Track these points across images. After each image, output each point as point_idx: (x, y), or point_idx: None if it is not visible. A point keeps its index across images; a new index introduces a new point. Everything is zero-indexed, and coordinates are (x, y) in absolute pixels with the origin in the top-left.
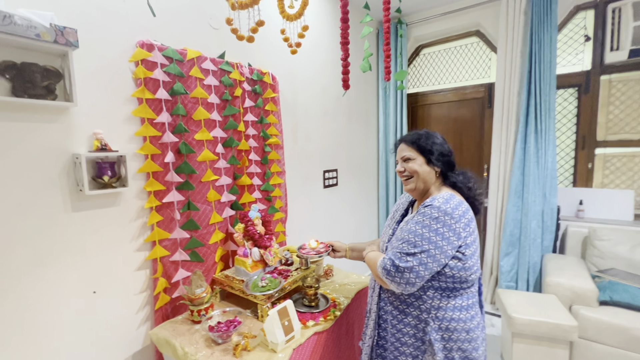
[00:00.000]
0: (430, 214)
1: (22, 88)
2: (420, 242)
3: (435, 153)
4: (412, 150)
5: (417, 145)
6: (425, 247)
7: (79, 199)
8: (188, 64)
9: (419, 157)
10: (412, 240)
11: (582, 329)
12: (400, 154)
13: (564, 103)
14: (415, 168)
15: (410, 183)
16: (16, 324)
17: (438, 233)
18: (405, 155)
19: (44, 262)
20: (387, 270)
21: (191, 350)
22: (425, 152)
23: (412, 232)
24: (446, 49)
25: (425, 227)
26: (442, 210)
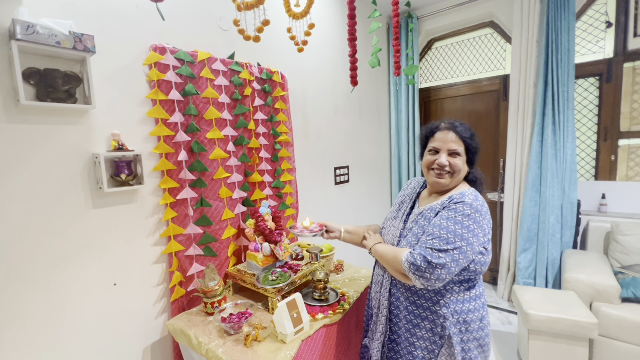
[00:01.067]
0: (463, 211)
1: (45, 92)
2: (453, 238)
3: (474, 153)
4: (461, 144)
5: (467, 143)
6: (458, 244)
7: (99, 196)
8: (199, 65)
9: (464, 155)
10: (445, 236)
11: (603, 326)
12: (446, 145)
13: (584, 93)
14: (461, 166)
15: (446, 178)
16: (45, 312)
17: (470, 230)
18: (456, 149)
19: (69, 255)
20: (416, 265)
21: (205, 340)
22: (469, 151)
23: (444, 228)
24: (459, 42)
25: (457, 224)
26: (474, 208)
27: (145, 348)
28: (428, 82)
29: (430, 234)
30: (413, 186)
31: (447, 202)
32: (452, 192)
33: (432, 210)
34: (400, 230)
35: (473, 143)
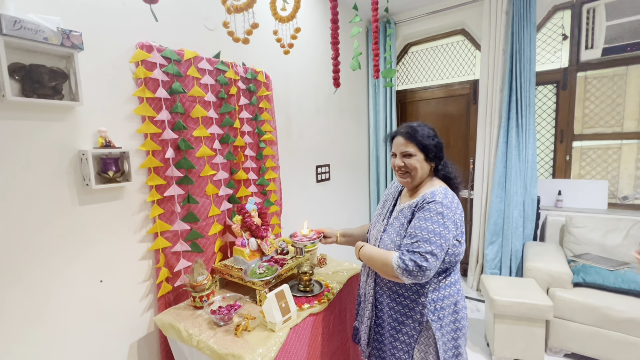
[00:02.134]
0: (436, 209)
1: (31, 88)
2: (433, 237)
3: (434, 150)
4: (412, 146)
5: (417, 142)
6: (438, 242)
7: (85, 193)
8: (185, 64)
9: (419, 154)
10: (426, 237)
11: (558, 309)
12: (399, 149)
13: (543, 99)
14: (416, 165)
15: (407, 177)
16: (29, 309)
17: (445, 226)
18: (406, 150)
19: (54, 252)
20: (409, 270)
21: (195, 332)
22: (424, 149)
23: (425, 229)
24: (433, 47)
25: (434, 223)
26: (445, 205)
27: (132, 344)
28: (405, 85)
29: (413, 236)
30: (396, 185)
31: (421, 202)
32: (424, 189)
33: (409, 208)
34: (385, 225)
35: (425, 141)
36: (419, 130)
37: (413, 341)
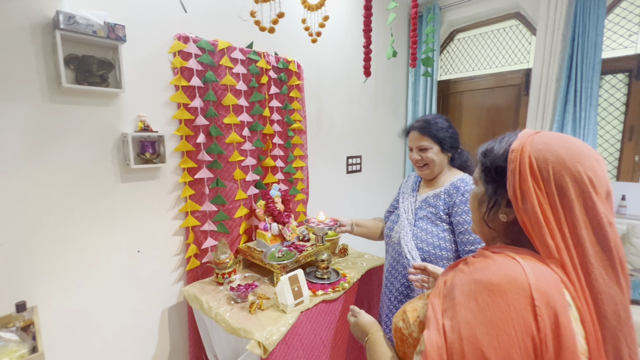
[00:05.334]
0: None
1: (83, 77)
2: None
3: (449, 141)
4: (427, 139)
5: (432, 135)
6: None
7: (126, 172)
8: (219, 54)
9: (434, 146)
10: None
11: None
12: (414, 143)
13: (611, 90)
14: (432, 157)
15: (425, 169)
16: (81, 269)
17: None
18: (422, 144)
19: (100, 222)
20: None
21: (214, 305)
22: (439, 141)
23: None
24: (482, 33)
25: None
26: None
27: (164, 310)
28: (448, 75)
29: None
30: (413, 180)
31: (453, 191)
32: (444, 178)
33: (435, 197)
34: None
35: (440, 134)
36: (433, 123)
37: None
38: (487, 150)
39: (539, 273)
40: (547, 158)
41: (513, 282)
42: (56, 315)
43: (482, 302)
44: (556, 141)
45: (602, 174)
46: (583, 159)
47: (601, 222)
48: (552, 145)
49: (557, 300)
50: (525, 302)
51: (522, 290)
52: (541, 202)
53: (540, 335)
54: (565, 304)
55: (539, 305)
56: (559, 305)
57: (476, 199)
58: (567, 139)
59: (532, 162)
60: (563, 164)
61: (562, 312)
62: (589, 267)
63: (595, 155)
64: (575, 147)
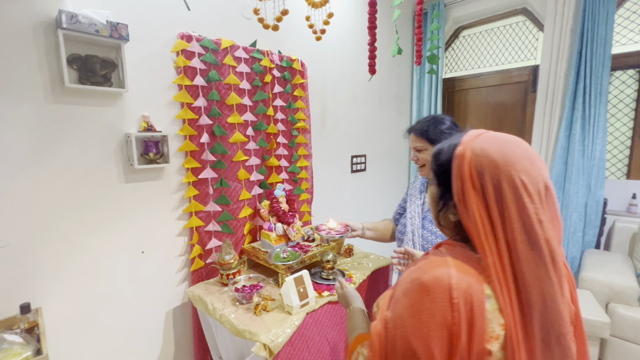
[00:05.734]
0: None
1: (86, 76)
2: None
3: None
4: (422, 140)
5: (426, 136)
6: None
7: (130, 172)
8: (222, 53)
9: (429, 147)
10: None
11: (617, 327)
12: (412, 144)
13: (621, 86)
14: (427, 158)
15: (424, 170)
16: (85, 271)
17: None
18: (417, 146)
19: (104, 223)
20: None
21: (219, 307)
22: (434, 142)
23: None
24: (488, 30)
25: None
26: None
27: (168, 311)
28: (453, 72)
29: None
30: (420, 181)
31: None
32: None
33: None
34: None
35: (435, 136)
36: (431, 125)
37: None
38: (436, 153)
39: (462, 273)
40: (483, 164)
41: (438, 281)
42: (60, 316)
43: (413, 299)
44: (492, 146)
45: (535, 173)
46: (516, 162)
47: (531, 222)
48: (488, 151)
49: (475, 295)
50: (445, 300)
51: (444, 290)
52: (478, 206)
53: (455, 328)
54: (482, 298)
55: (456, 302)
56: (476, 300)
57: (432, 199)
58: (502, 142)
59: (471, 169)
60: (497, 169)
61: (477, 305)
62: (518, 263)
63: (528, 156)
64: (510, 150)
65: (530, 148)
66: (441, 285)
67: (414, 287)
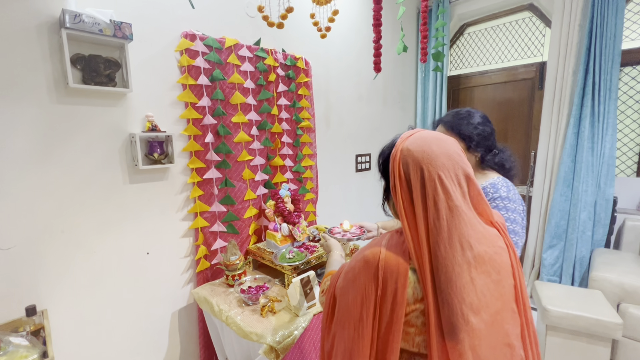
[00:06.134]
0: (505, 206)
1: (90, 76)
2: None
3: (476, 139)
4: (451, 134)
5: (457, 131)
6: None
7: (135, 173)
8: (226, 52)
9: (460, 143)
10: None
11: (630, 327)
12: None
13: (631, 82)
14: None
15: None
16: (90, 273)
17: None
18: None
19: (109, 224)
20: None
21: (225, 308)
22: (466, 138)
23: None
24: (494, 27)
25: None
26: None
27: (174, 312)
28: (458, 70)
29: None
30: None
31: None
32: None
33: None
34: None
35: (465, 130)
36: (463, 118)
37: None
38: (380, 154)
39: (392, 252)
40: (408, 163)
41: (371, 258)
42: (66, 318)
43: (357, 261)
44: (416, 146)
45: (453, 166)
46: (434, 159)
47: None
48: (412, 151)
49: (400, 270)
50: (373, 272)
51: (374, 265)
52: (405, 198)
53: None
54: (406, 272)
55: (381, 275)
56: (401, 274)
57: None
58: (425, 142)
59: (400, 166)
60: (418, 165)
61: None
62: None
63: (446, 152)
64: (430, 149)
65: (450, 145)
66: (372, 262)
67: (356, 262)
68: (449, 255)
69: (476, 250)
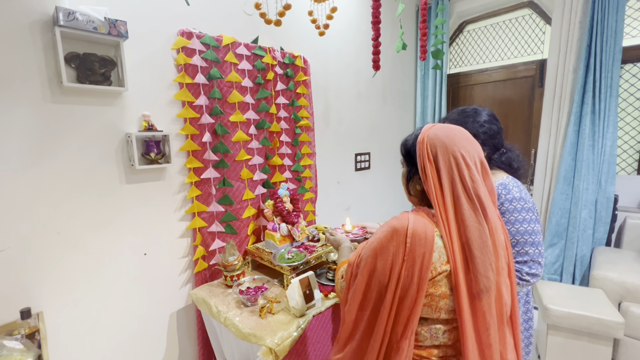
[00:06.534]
0: (522, 207)
1: (84, 75)
2: (537, 238)
3: (482, 137)
4: None
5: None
6: (538, 240)
7: (131, 173)
8: (223, 50)
9: None
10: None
11: (631, 327)
12: None
13: (632, 79)
14: None
15: None
16: (87, 273)
17: (536, 221)
18: None
19: (105, 224)
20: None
21: (223, 309)
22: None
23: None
24: (493, 24)
25: (530, 222)
26: (524, 199)
27: (172, 314)
28: (458, 68)
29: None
30: None
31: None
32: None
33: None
34: None
35: (469, 127)
36: (467, 116)
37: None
38: (404, 141)
39: (418, 223)
40: (435, 144)
41: (400, 227)
42: (62, 321)
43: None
44: (441, 132)
45: (472, 150)
46: (457, 142)
47: (467, 182)
48: (439, 135)
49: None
50: (402, 239)
51: (403, 233)
52: (433, 175)
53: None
54: (433, 237)
55: (410, 241)
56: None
57: (403, 176)
58: (448, 129)
59: (428, 149)
60: (445, 147)
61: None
62: (462, 211)
63: (466, 138)
64: (453, 134)
65: (469, 134)
66: (401, 230)
67: (386, 227)
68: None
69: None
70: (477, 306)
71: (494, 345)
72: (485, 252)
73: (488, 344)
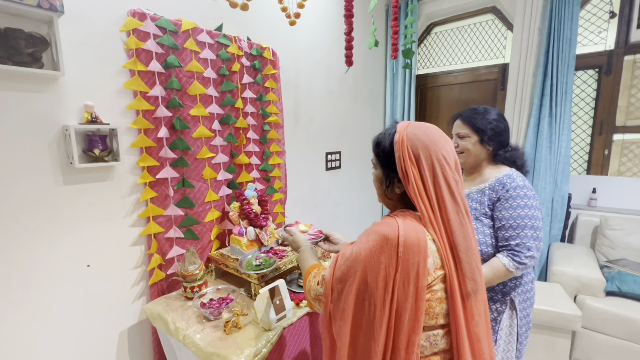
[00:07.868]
0: (525, 194)
1: (6, 55)
2: (535, 222)
3: (489, 133)
4: (466, 127)
5: (472, 124)
6: (539, 225)
7: (70, 172)
8: (183, 36)
9: (473, 136)
10: (530, 224)
11: (586, 318)
12: (455, 130)
13: (582, 85)
14: (468, 147)
15: (461, 158)
16: (10, 293)
17: (538, 208)
18: (460, 132)
19: (36, 233)
20: (525, 264)
21: (182, 326)
22: (479, 132)
23: (525, 217)
24: (459, 27)
25: (530, 208)
26: (528, 187)
27: (122, 332)
28: (425, 69)
29: (516, 227)
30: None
31: (499, 187)
32: (488, 173)
33: (480, 193)
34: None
35: (479, 124)
36: (477, 113)
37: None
38: (377, 142)
39: (409, 228)
40: (417, 145)
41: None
42: None
43: (370, 238)
44: (420, 131)
45: (450, 149)
46: (437, 142)
47: (451, 183)
48: (418, 135)
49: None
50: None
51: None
52: (415, 177)
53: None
54: (426, 243)
55: (402, 250)
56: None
57: (377, 179)
58: (426, 128)
59: (409, 150)
60: (427, 147)
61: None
62: (448, 214)
63: (443, 136)
64: (432, 133)
65: (442, 132)
66: (391, 238)
67: (372, 232)
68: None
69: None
70: (467, 307)
71: (482, 338)
72: (470, 254)
73: (477, 339)
